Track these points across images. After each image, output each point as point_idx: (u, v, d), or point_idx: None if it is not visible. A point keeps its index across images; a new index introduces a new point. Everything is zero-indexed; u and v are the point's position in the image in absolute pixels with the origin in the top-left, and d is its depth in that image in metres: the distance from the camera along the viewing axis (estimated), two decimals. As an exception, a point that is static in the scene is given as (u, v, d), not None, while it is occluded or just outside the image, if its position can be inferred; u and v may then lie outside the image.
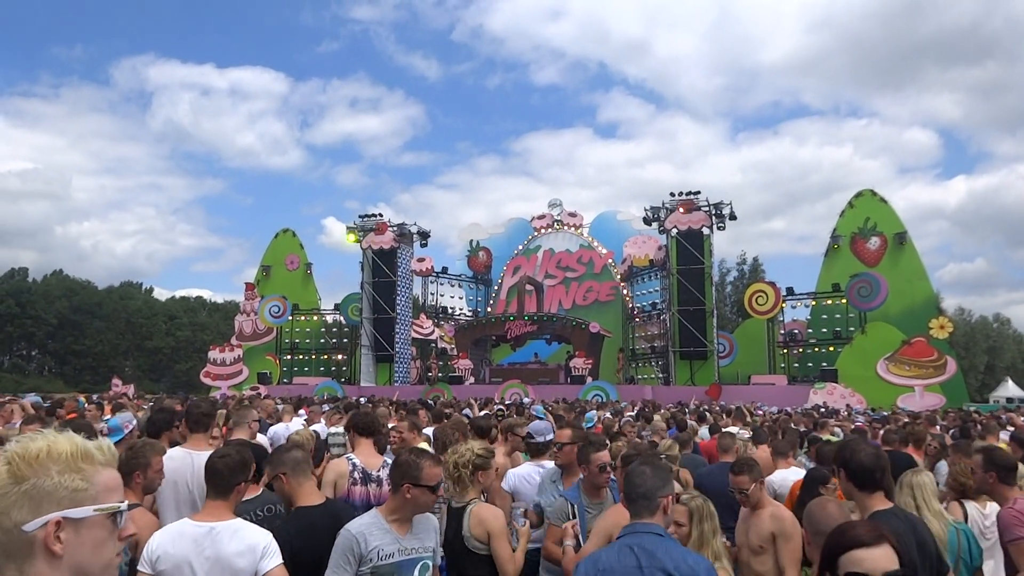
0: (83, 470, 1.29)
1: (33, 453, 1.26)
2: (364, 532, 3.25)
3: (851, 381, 29.61)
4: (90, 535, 1.29)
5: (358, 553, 3.20)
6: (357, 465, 4.97)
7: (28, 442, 1.28)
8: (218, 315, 75.94)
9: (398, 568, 3.27)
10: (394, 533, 3.30)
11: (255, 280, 44.48)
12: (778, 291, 34.98)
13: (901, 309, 34.13)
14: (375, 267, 39.38)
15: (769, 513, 4.36)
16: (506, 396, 26.32)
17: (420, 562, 3.34)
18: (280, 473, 3.66)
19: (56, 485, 1.25)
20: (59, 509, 1.25)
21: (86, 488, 1.28)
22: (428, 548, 3.41)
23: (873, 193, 37.97)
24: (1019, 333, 79.78)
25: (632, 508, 2.89)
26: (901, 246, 36.38)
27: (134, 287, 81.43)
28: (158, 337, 71.22)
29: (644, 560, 2.66)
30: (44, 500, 1.24)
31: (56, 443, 1.29)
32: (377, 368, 38.89)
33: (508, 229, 48.89)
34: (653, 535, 2.77)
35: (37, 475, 1.25)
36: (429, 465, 3.34)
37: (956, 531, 3.96)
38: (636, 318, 40.12)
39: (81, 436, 1.36)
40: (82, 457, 1.30)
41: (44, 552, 1.24)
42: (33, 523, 1.23)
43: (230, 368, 38.13)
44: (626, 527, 2.88)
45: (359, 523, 3.34)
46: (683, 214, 34.34)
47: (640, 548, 2.70)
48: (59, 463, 1.27)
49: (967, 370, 54.61)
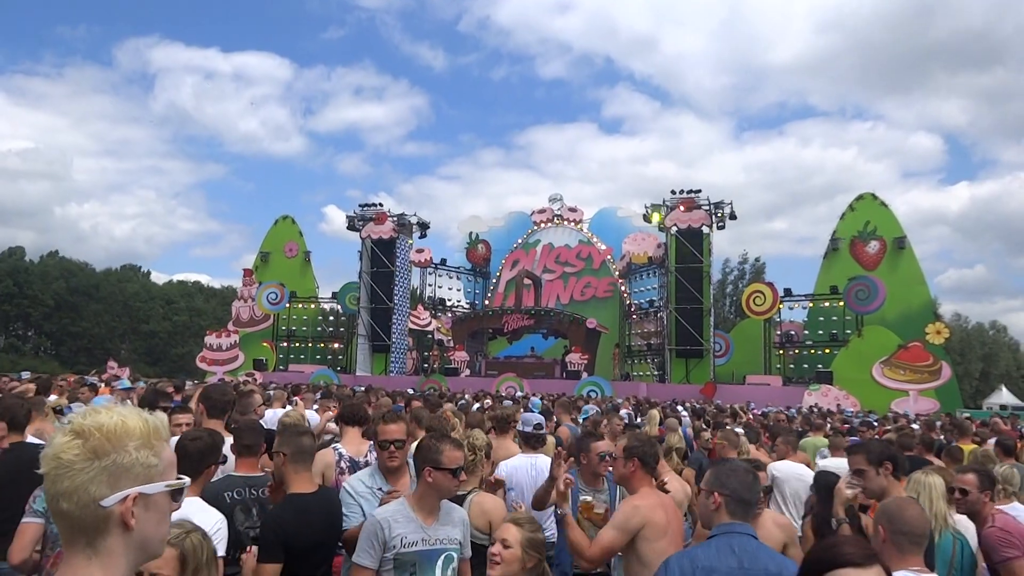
0: (154, 446, 1.31)
1: (112, 428, 1.27)
2: (389, 519, 3.25)
3: (846, 384, 29.64)
4: (157, 510, 1.32)
5: (382, 539, 3.20)
6: (343, 455, 4.99)
7: (101, 416, 1.29)
8: (215, 300, 75.89)
9: (420, 557, 3.24)
10: (419, 521, 3.28)
11: (253, 266, 44.41)
12: (776, 292, 34.99)
13: (898, 313, 34.15)
14: (374, 257, 39.34)
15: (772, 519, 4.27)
16: (501, 389, 26.33)
17: (444, 553, 3.31)
18: (282, 452, 3.67)
19: (134, 461, 1.27)
20: (134, 485, 1.27)
21: (156, 464, 1.31)
22: (454, 540, 3.37)
23: (874, 197, 37.95)
24: (1015, 341, 80.00)
25: (734, 509, 2.82)
26: (900, 250, 36.38)
27: (132, 270, 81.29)
28: (155, 321, 71.15)
29: (747, 561, 2.64)
30: (122, 476, 1.26)
31: (128, 418, 1.30)
32: (373, 358, 38.88)
33: (508, 222, 48.85)
34: (751, 537, 2.75)
35: (117, 451, 1.26)
36: (450, 448, 3.32)
37: (952, 539, 3.93)
38: (633, 315, 40.13)
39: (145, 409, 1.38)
40: (153, 434, 1.32)
41: (118, 527, 1.27)
42: (112, 498, 1.25)
43: (226, 354, 38.16)
44: (722, 526, 2.81)
45: (385, 509, 3.36)
46: (683, 212, 34.30)
47: (742, 549, 2.68)
48: (135, 439, 1.29)
49: (962, 376, 54.73)
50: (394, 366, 38.55)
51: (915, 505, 3.04)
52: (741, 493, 2.81)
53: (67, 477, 1.24)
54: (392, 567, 3.21)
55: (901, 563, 2.74)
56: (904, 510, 2.92)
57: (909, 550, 2.84)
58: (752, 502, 2.84)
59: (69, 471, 1.24)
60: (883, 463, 3.67)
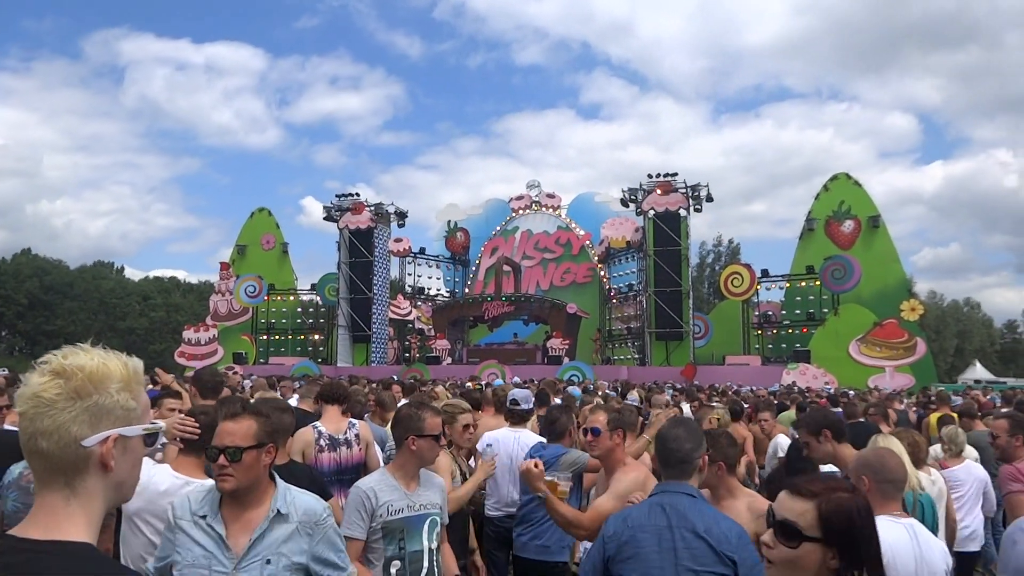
0: (133, 390, 1.33)
1: (93, 370, 1.28)
2: (374, 488, 3.31)
3: (823, 362, 30.03)
4: (133, 453, 1.35)
5: (370, 508, 3.26)
6: (323, 432, 5.01)
7: (81, 358, 1.29)
8: (193, 295, 75.22)
9: (407, 523, 3.32)
10: (402, 489, 3.35)
11: (230, 260, 44.04)
12: (753, 273, 35.30)
13: (873, 291, 34.57)
14: (352, 247, 39.15)
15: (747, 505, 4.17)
16: (483, 376, 26.39)
17: (428, 518, 3.39)
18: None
19: (115, 404, 1.29)
20: (114, 427, 1.29)
21: (135, 408, 1.33)
22: (436, 504, 3.45)
23: (848, 177, 38.34)
24: (988, 317, 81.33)
25: (668, 472, 2.88)
26: (875, 229, 36.80)
27: (107, 267, 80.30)
28: (132, 318, 70.42)
29: (675, 520, 2.67)
30: (103, 417, 1.27)
31: (109, 361, 1.31)
32: (354, 348, 38.78)
33: (486, 210, 48.78)
34: (685, 495, 2.78)
35: (99, 392, 1.27)
36: (430, 415, 3.42)
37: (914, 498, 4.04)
38: (613, 299, 40.31)
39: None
40: (133, 378, 1.33)
41: (98, 467, 1.28)
42: (93, 438, 1.26)
43: (205, 348, 37.91)
44: (659, 486, 2.89)
45: (369, 480, 3.42)
46: (660, 196, 34.44)
47: (672, 508, 2.71)
48: (116, 382, 1.30)
49: (937, 352, 55.63)
50: (375, 356, 38.46)
51: (893, 455, 3.13)
52: (666, 454, 2.88)
53: (48, 416, 1.24)
54: (381, 536, 3.27)
55: (884, 509, 2.82)
56: (886, 459, 3.00)
57: (893, 496, 2.92)
58: (674, 462, 2.86)
59: (50, 410, 1.25)
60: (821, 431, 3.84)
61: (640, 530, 2.67)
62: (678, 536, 2.63)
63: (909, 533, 2.75)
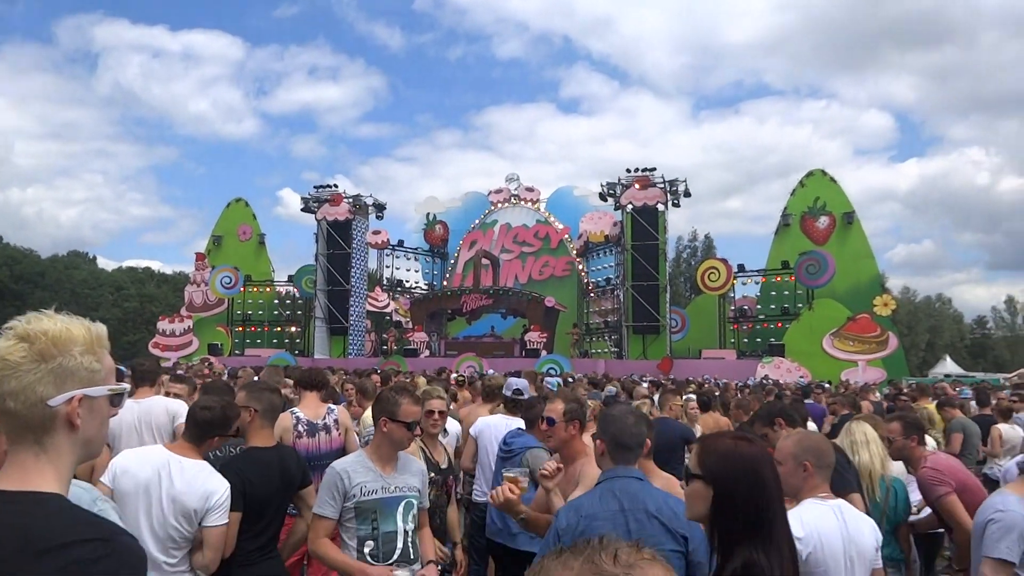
0: (97, 353, 1.42)
1: (57, 334, 1.37)
2: (348, 469, 3.34)
3: (797, 356, 30.41)
4: (99, 412, 1.43)
5: (342, 489, 3.29)
6: (301, 418, 5.03)
7: (45, 323, 1.38)
8: (167, 286, 74.35)
9: (381, 504, 3.34)
10: (377, 471, 3.37)
11: (206, 250, 43.55)
12: (730, 268, 35.58)
13: (847, 287, 35.01)
14: (329, 239, 38.90)
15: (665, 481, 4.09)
16: (461, 369, 26.38)
17: (404, 500, 3.41)
18: (252, 408, 3.68)
19: (78, 365, 1.37)
20: (80, 387, 1.37)
21: (99, 370, 1.41)
22: (413, 487, 3.47)
23: (823, 173, 38.72)
24: (959, 313, 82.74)
25: (618, 456, 2.89)
26: (849, 225, 37.22)
27: (80, 256, 79.14)
28: (104, 308, 69.37)
29: (627, 503, 2.71)
30: (68, 378, 1.36)
31: (72, 326, 1.40)
32: (331, 340, 38.59)
33: (465, 203, 48.67)
34: (633, 479, 2.83)
35: (63, 355, 1.36)
36: (407, 403, 3.41)
37: (887, 483, 4.12)
38: (591, 293, 40.45)
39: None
40: (96, 341, 1.42)
41: (65, 425, 1.36)
42: (59, 398, 1.34)
43: (180, 339, 37.55)
44: (607, 472, 2.90)
45: (344, 461, 3.45)
46: (639, 190, 34.58)
47: (623, 492, 2.75)
48: (79, 345, 1.38)
49: (909, 347, 56.50)
50: (352, 348, 38.31)
51: (825, 439, 3.27)
52: (620, 438, 2.89)
53: (14, 377, 1.33)
54: (353, 515, 3.30)
55: (816, 491, 2.92)
56: (824, 445, 3.09)
57: (826, 478, 3.00)
58: (631, 446, 2.89)
59: (16, 372, 1.33)
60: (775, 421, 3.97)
61: (594, 519, 2.69)
62: (631, 519, 2.67)
63: (836, 513, 2.84)
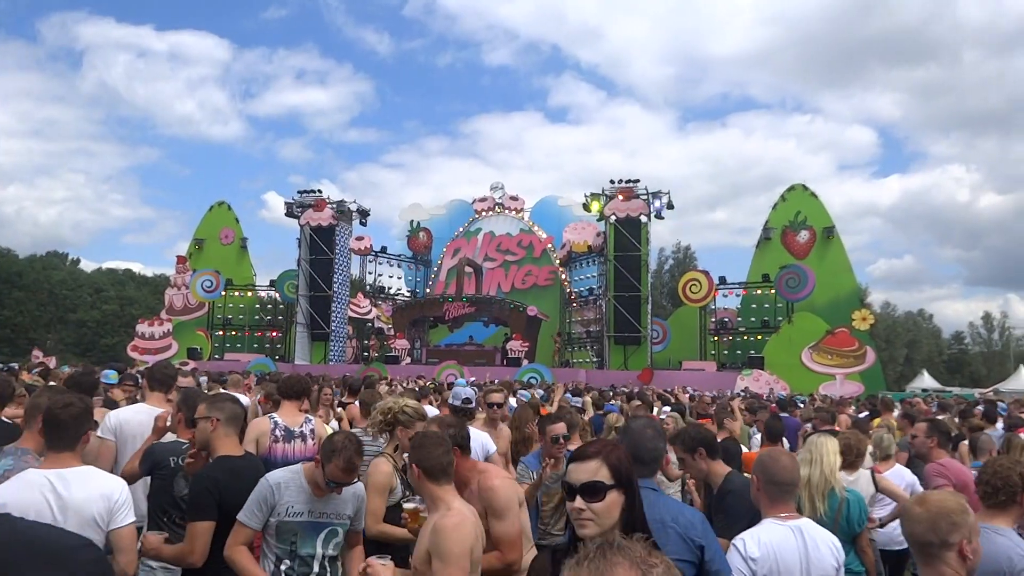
0: None
1: None
2: (281, 484, 3.29)
3: (776, 368, 30.66)
4: None
5: (271, 503, 3.25)
6: (279, 423, 5.03)
7: None
8: (147, 289, 73.69)
9: (302, 528, 3.29)
10: (308, 492, 3.31)
11: (187, 253, 43.29)
12: (711, 280, 35.82)
13: (827, 301, 35.37)
14: (312, 244, 38.80)
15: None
16: (442, 377, 26.36)
17: (327, 528, 3.35)
18: (215, 418, 3.62)
19: None
20: None
21: None
22: (343, 516, 3.41)
23: (804, 188, 39.19)
24: (937, 328, 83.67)
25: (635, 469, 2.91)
26: (829, 240, 37.65)
27: (59, 257, 78.31)
28: (83, 310, 68.76)
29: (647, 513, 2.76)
30: None
31: None
32: (312, 346, 38.40)
33: (449, 211, 48.74)
34: (649, 490, 2.83)
35: None
36: (335, 466, 3.23)
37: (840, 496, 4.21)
38: (573, 303, 40.57)
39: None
40: None
41: None
42: None
43: (159, 342, 37.24)
44: None
45: (280, 474, 3.37)
46: (622, 202, 34.77)
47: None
48: None
49: (887, 362, 57.04)
50: (333, 354, 38.17)
51: (786, 456, 3.27)
52: (638, 452, 2.91)
53: None
54: (274, 533, 3.27)
55: (771, 510, 2.98)
56: (776, 461, 3.13)
57: (779, 498, 3.06)
58: (647, 460, 2.93)
59: None
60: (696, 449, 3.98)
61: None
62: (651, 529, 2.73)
63: (795, 534, 2.91)
